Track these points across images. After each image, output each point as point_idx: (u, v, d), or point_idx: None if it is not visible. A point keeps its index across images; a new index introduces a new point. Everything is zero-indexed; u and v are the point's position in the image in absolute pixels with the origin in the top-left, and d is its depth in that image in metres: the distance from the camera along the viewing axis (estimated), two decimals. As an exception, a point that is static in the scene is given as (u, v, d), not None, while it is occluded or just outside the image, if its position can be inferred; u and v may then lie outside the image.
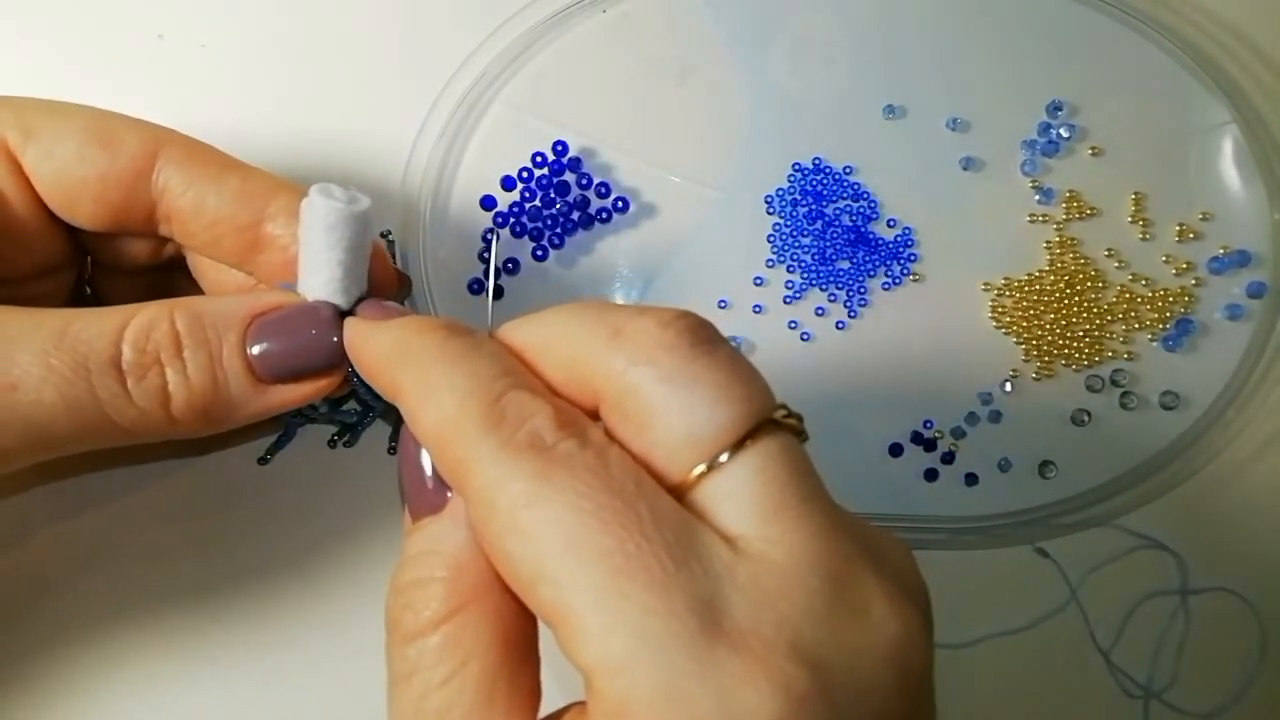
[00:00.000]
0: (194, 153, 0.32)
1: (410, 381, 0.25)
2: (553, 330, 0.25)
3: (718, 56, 0.42)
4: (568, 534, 0.21)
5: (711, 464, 0.22)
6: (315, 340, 0.30)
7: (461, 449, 0.22)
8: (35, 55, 0.42)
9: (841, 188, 0.41)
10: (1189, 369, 0.40)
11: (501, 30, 0.41)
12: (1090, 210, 0.40)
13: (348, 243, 0.31)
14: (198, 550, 0.39)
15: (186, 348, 0.29)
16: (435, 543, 0.24)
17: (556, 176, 0.41)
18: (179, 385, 0.29)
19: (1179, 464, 0.39)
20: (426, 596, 0.24)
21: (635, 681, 0.20)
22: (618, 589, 0.20)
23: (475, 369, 0.24)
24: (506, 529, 0.21)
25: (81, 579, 0.38)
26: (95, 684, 0.38)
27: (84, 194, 0.32)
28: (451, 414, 0.23)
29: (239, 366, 0.30)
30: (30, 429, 0.28)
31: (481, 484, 0.22)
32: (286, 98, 0.42)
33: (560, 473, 0.21)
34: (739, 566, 0.21)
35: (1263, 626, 0.38)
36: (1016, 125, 0.41)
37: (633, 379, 0.23)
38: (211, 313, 0.30)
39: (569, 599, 0.20)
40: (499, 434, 0.22)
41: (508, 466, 0.22)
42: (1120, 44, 0.41)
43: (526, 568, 0.21)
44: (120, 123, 0.32)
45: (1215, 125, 0.41)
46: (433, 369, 0.24)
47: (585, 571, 0.20)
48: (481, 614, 0.23)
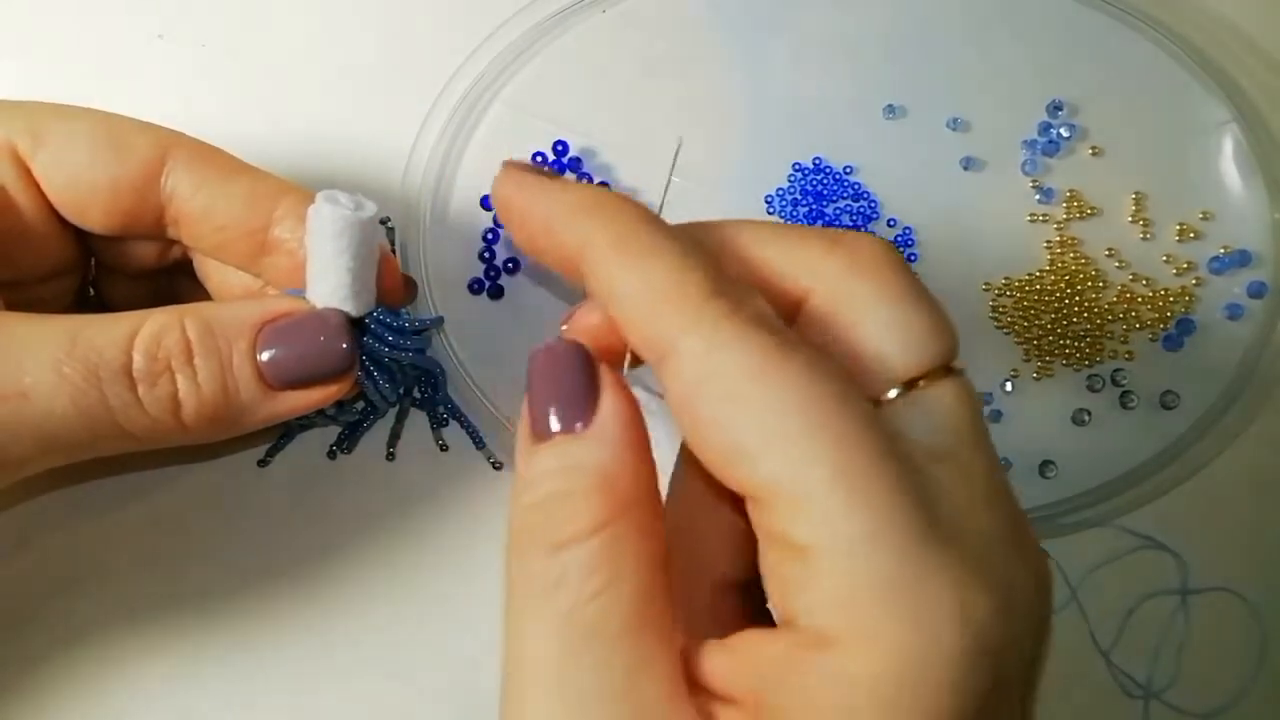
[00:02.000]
0: (203, 156, 0.32)
1: (613, 237, 0.23)
2: (757, 229, 0.25)
3: (718, 56, 0.42)
4: (804, 411, 0.20)
5: (912, 384, 0.23)
6: (325, 347, 0.31)
7: (680, 310, 0.22)
8: (36, 55, 0.42)
9: (841, 188, 0.41)
10: (1189, 369, 0.40)
11: (501, 30, 0.41)
12: (1090, 210, 0.40)
13: (354, 250, 0.31)
14: (200, 555, 0.39)
15: (197, 355, 0.29)
16: (577, 459, 0.23)
17: (556, 176, 0.41)
18: (190, 392, 0.29)
19: (1179, 464, 0.39)
20: (574, 507, 0.23)
21: (871, 565, 0.20)
22: (854, 472, 0.20)
23: (685, 240, 0.23)
24: (732, 396, 0.21)
25: (84, 584, 0.39)
26: (98, 689, 0.38)
27: (94, 198, 0.32)
28: (669, 275, 0.22)
29: (249, 373, 0.30)
30: (43, 437, 0.28)
31: (707, 347, 0.21)
32: (286, 98, 0.42)
33: (793, 353, 0.21)
34: (940, 476, 0.21)
35: (1263, 626, 0.38)
36: (1016, 125, 0.41)
37: (856, 285, 0.23)
38: (222, 320, 0.30)
39: (804, 473, 0.20)
40: (725, 302, 0.21)
41: (738, 334, 0.21)
42: (1120, 44, 0.41)
43: (752, 437, 0.21)
44: (130, 126, 0.32)
45: (1215, 125, 0.41)
46: (642, 229, 0.23)
47: (823, 450, 0.20)
48: (634, 529, 0.23)
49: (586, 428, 0.23)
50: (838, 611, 0.20)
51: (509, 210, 0.25)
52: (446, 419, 0.39)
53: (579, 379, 0.24)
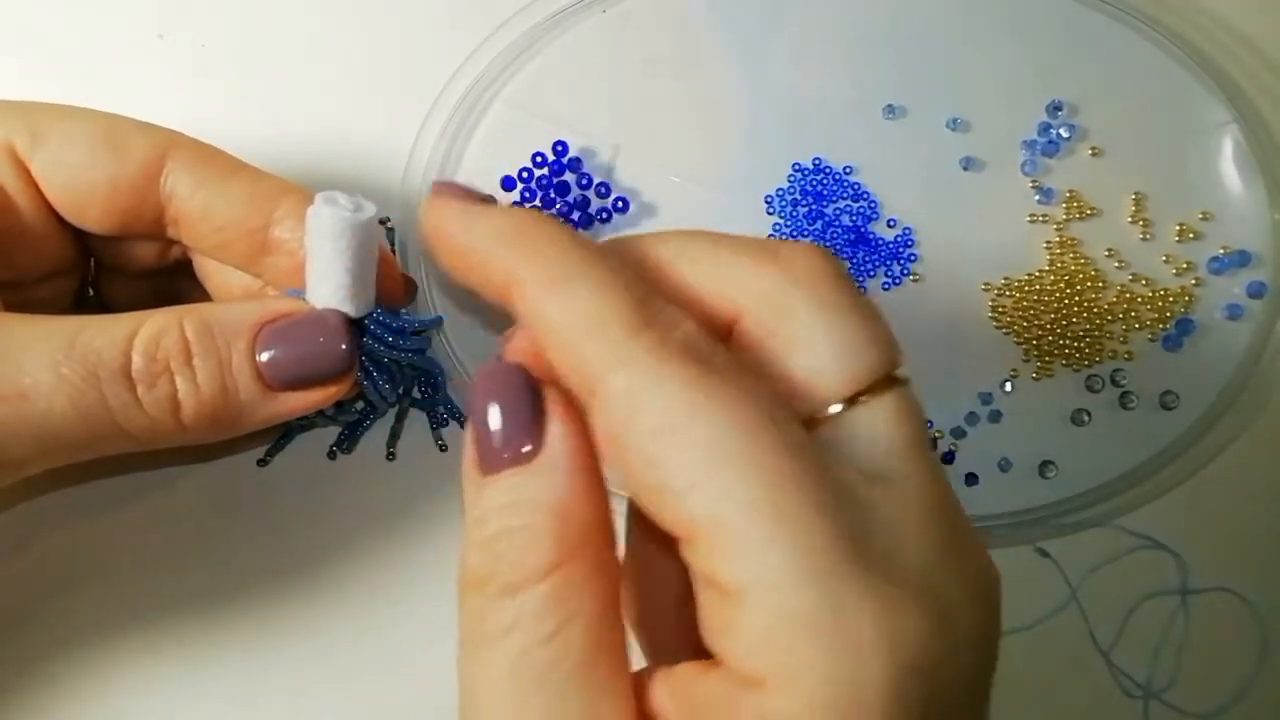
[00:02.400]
0: (203, 156, 0.32)
1: (536, 269, 0.22)
2: (687, 245, 0.24)
3: (718, 56, 0.42)
4: (728, 445, 0.20)
5: (852, 400, 0.22)
6: (324, 348, 0.31)
7: (603, 346, 0.21)
8: (36, 55, 0.42)
9: (841, 188, 0.41)
10: (1189, 369, 0.40)
11: (501, 30, 0.41)
12: (1090, 210, 0.40)
13: (354, 251, 0.31)
14: (200, 555, 0.39)
15: (196, 355, 0.29)
16: (528, 492, 0.22)
17: (556, 176, 0.41)
18: (189, 393, 0.29)
19: (1179, 464, 0.39)
20: (526, 547, 0.22)
21: (795, 597, 0.19)
22: (776, 505, 0.20)
23: (611, 266, 0.22)
24: (659, 432, 0.20)
25: (84, 584, 0.39)
26: (98, 689, 0.38)
27: (93, 198, 0.32)
28: (592, 307, 0.21)
29: (248, 374, 0.30)
30: (42, 437, 0.28)
31: (629, 385, 0.21)
32: (286, 97, 0.42)
33: (719, 384, 0.20)
34: (874, 498, 0.21)
35: (1263, 626, 0.38)
36: (1016, 125, 0.41)
37: (790, 300, 0.23)
38: (221, 320, 0.30)
39: (727, 509, 0.20)
40: (650, 335, 0.21)
41: (662, 369, 0.21)
42: (1120, 44, 0.41)
43: (678, 475, 0.20)
44: (129, 126, 0.32)
45: (1215, 125, 0.41)
46: (565, 258, 0.22)
47: (745, 484, 0.20)
48: (588, 565, 0.22)
49: (535, 455, 0.23)
50: (761, 651, 0.20)
51: (436, 240, 0.24)
52: (446, 419, 0.39)
53: (523, 403, 0.23)
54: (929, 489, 0.22)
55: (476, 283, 0.24)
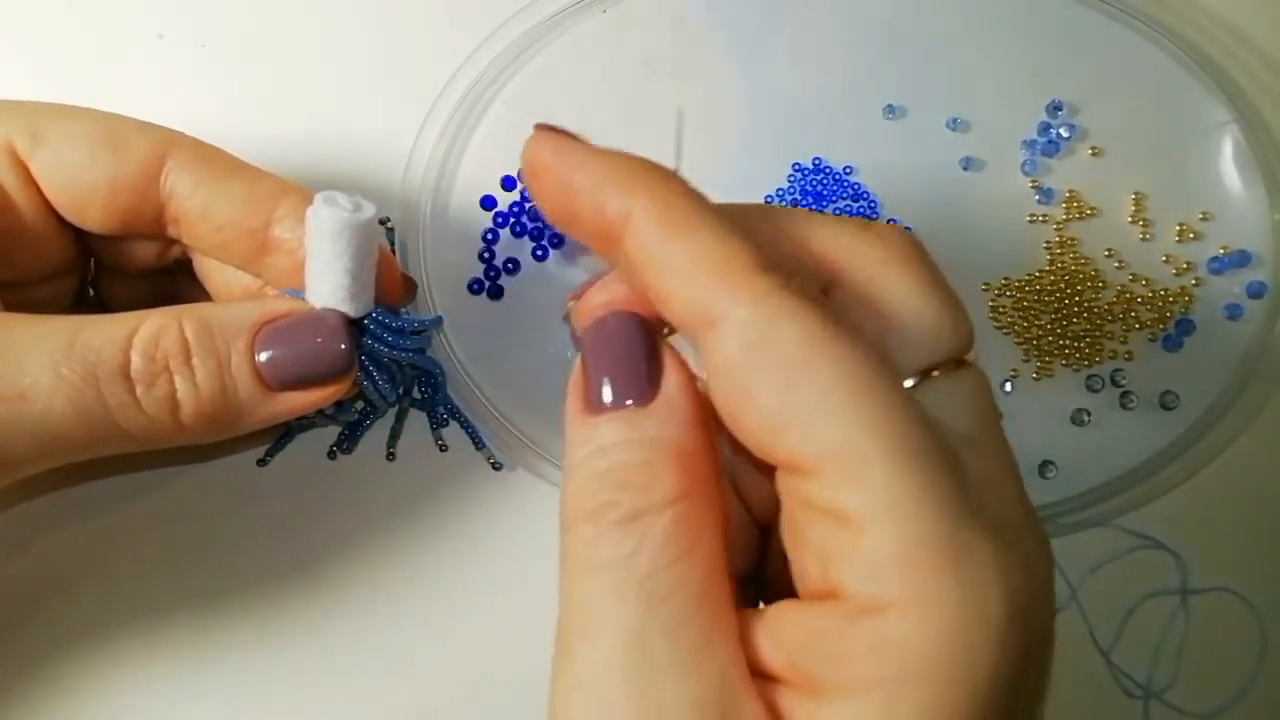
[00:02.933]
0: (202, 155, 0.32)
1: (657, 210, 0.23)
2: (785, 213, 0.25)
3: (718, 56, 0.42)
4: (855, 382, 0.21)
5: (926, 373, 0.24)
6: (323, 347, 0.31)
7: (728, 282, 0.22)
8: (36, 55, 0.42)
9: (841, 188, 0.41)
10: (1189, 369, 0.40)
11: (501, 30, 0.41)
12: (1090, 210, 0.40)
13: (353, 251, 0.31)
14: (199, 556, 0.39)
15: (195, 355, 0.29)
16: (649, 431, 0.23)
17: (556, 176, 0.41)
18: (188, 393, 0.29)
19: (1179, 464, 0.39)
20: (650, 477, 0.22)
21: (927, 525, 0.20)
22: (907, 439, 0.20)
23: (727, 215, 0.23)
24: (784, 364, 0.21)
25: (85, 585, 0.39)
26: (98, 689, 0.38)
27: (94, 198, 0.32)
28: (715, 247, 0.22)
29: (247, 374, 0.30)
30: (41, 437, 0.28)
31: (757, 317, 0.21)
32: (286, 98, 0.42)
33: (839, 329, 0.21)
34: (967, 457, 0.22)
35: (1263, 626, 0.38)
36: (1016, 125, 0.41)
37: (891, 272, 0.24)
38: (220, 320, 0.30)
39: (858, 440, 0.20)
40: (774, 275, 0.22)
41: (789, 306, 0.21)
42: (1120, 44, 0.41)
43: (804, 404, 0.21)
44: (129, 126, 0.32)
45: (1215, 125, 0.41)
46: (685, 203, 0.23)
47: (875, 419, 0.20)
48: (706, 503, 0.23)
49: (650, 401, 0.23)
50: (889, 577, 0.20)
51: (542, 178, 0.25)
52: (446, 419, 0.39)
53: (640, 351, 0.24)
54: (1006, 454, 0.24)
55: (585, 223, 0.24)
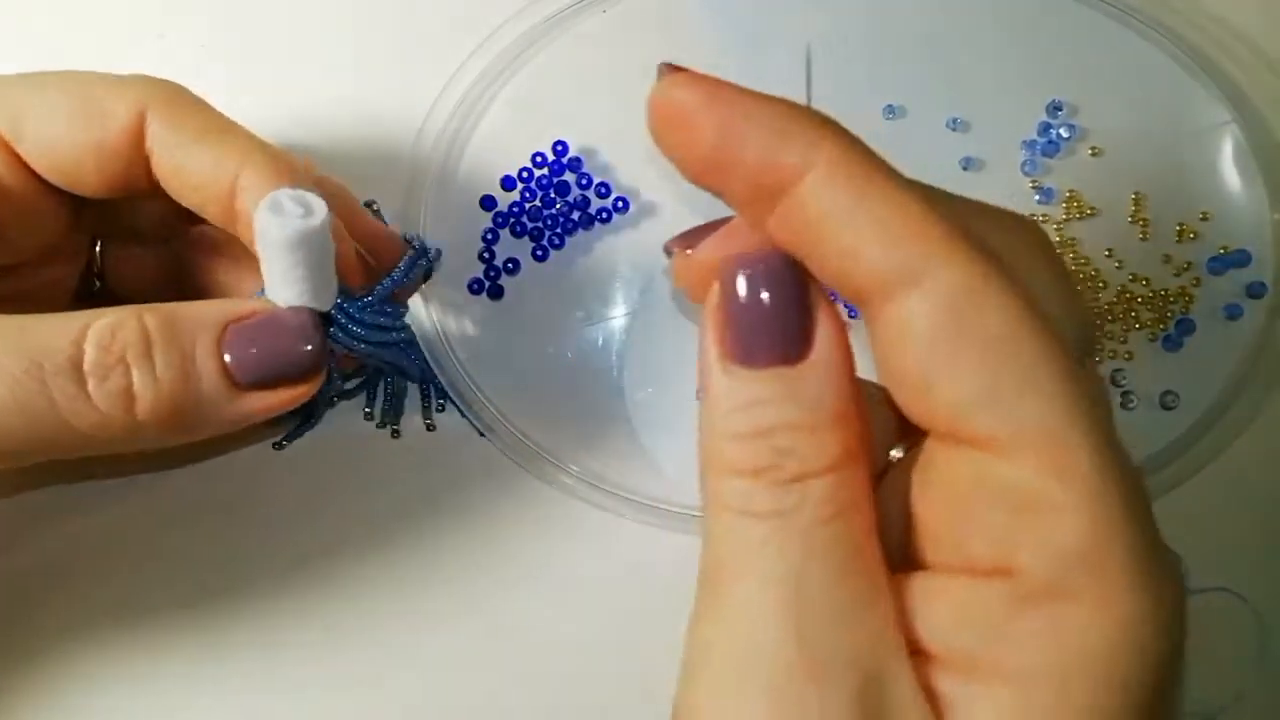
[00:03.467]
0: (177, 113, 0.31)
1: (850, 160, 0.22)
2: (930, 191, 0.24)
3: (717, 56, 0.42)
4: (1058, 364, 0.20)
5: None
6: (295, 345, 0.30)
7: (939, 240, 0.20)
8: (36, 55, 0.42)
9: (841, 188, 0.41)
10: (1188, 369, 0.40)
11: (501, 30, 0.41)
12: (1090, 210, 0.40)
13: (306, 256, 0.30)
14: (199, 554, 0.39)
15: (157, 346, 0.28)
16: (809, 389, 0.22)
17: (556, 176, 0.41)
18: (146, 385, 0.28)
19: (1179, 464, 0.39)
20: (813, 442, 0.21)
21: (1119, 521, 0.20)
22: (1106, 432, 0.20)
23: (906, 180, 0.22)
24: (996, 334, 0.20)
25: (81, 580, 0.39)
26: (93, 686, 0.38)
27: (83, 167, 0.31)
28: (922, 205, 0.21)
29: (214, 367, 0.29)
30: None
31: (968, 279, 0.20)
32: (286, 98, 0.42)
33: (1038, 309, 0.20)
34: None
35: (1263, 626, 0.38)
36: (1016, 125, 0.41)
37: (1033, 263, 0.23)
38: (186, 315, 0.29)
39: (1067, 423, 0.20)
40: (970, 239, 0.21)
41: (998, 273, 0.20)
42: (1120, 44, 0.41)
43: (1013, 379, 0.20)
44: (105, 88, 0.31)
45: (1215, 125, 0.41)
46: (874, 157, 0.22)
47: (1078, 406, 0.20)
48: (862, 473, 0.22)
49: (805, 357, 0.22)
50: (1081, 566, 0.19)
51: (690, 124, 0.23)
52: (439, 400, 0.39)
53: (795, 299, 0.22)
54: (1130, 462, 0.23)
55: (743, 170, 0.22)
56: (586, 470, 0.39)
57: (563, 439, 0.39)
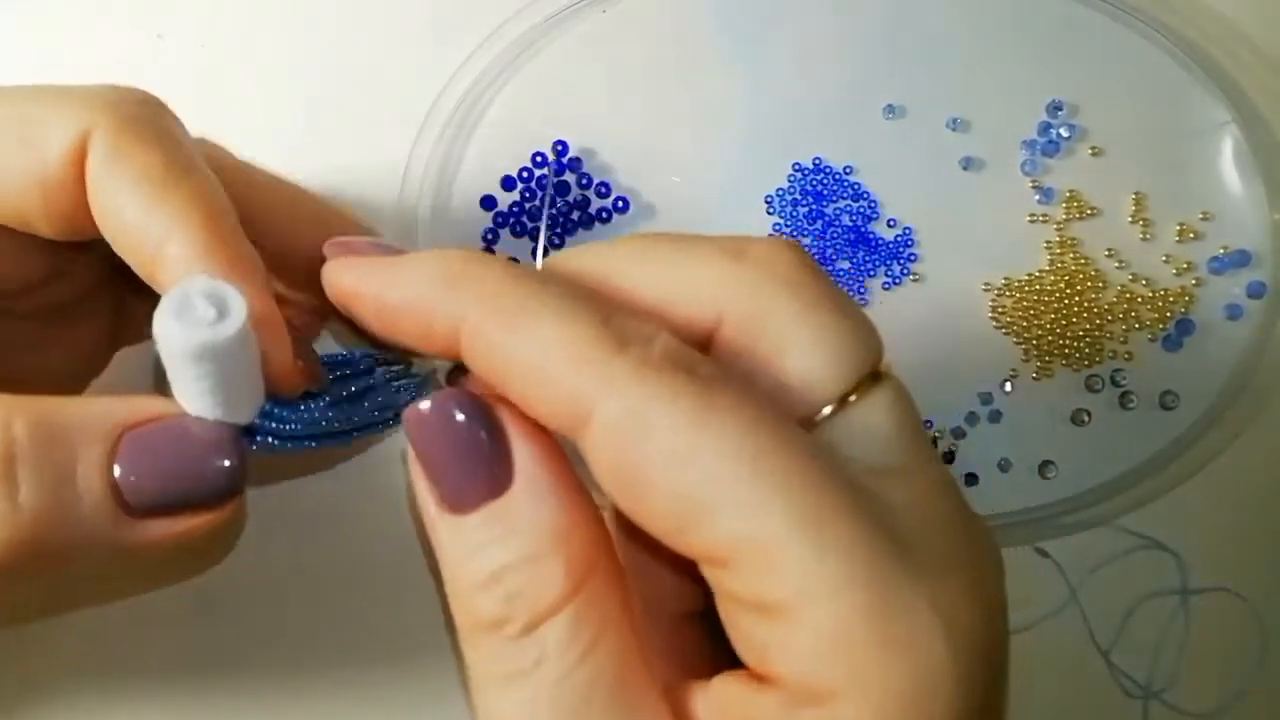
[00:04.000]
0: (120, 144, 0.26)
1: (488, 308, 0.21)
2: (648, 250, 0.23)
3: (718, 56, 0.42)
4: (749, 458, 0.19)
5: (844, 399, 0.21)
6: (201, 465, 0.24)
7: (584, 374, 0.20)
8: (34, 55, 0.42)
9: (841, 188, 0.41)
10: (1189, 369, 0.40)
11: (501, 31, 0.41)
12: (1090, 210, 0.40)
13: (214, 369, 0.23)
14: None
15: (22, 459, 0.22)
16: (520, 520, 0.21)
17: (557, 176, 0.41)
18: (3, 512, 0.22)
19: (1179, 464, 0.39)
20: (537, 578, 0.20)
21: (855, 604, 0.19)
22: (817, 513, 0.19)
23: (565, 290, 0.21)
24: (673, 456, 0.19)
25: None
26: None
27: (27, 205, 0.26)
28: (562, 335, 0.20)
29: (98, 490, 0.23)
30: None
31: (626, 410, 0.19)
32: (286, 98, 0.42)
33: (719, 392, 0.19)
34: (885, 489, 0.20)
35: (1263, 626, 0.38)
36: (1016, 125, 0.41)
37: (773, 303, 0.22)
38: (66, 420, 0.23)
39: (768, 525, 0.19)
40: (631, 352, 0.20)
41: (657, 386, 0.19)
42: (1120, 44, 0.41)
43: (701, 496, 0.19)
44: (45, 109, 0.26)
45: (1215, 125, 0.41)
46: (515, 291, 0.21)
47: (780, 496, 0.19)
48: (603, 582, 0.21)
49: (508, 486, 0.21)
50: (828, 664, 0.19)
51: (357, 301, 0.23)
52: None
53: (480, 428, 0.21)
54: (933, 472, 0.22)
55: (413, 338, 0.22)
56: (587, 470, 0.39)
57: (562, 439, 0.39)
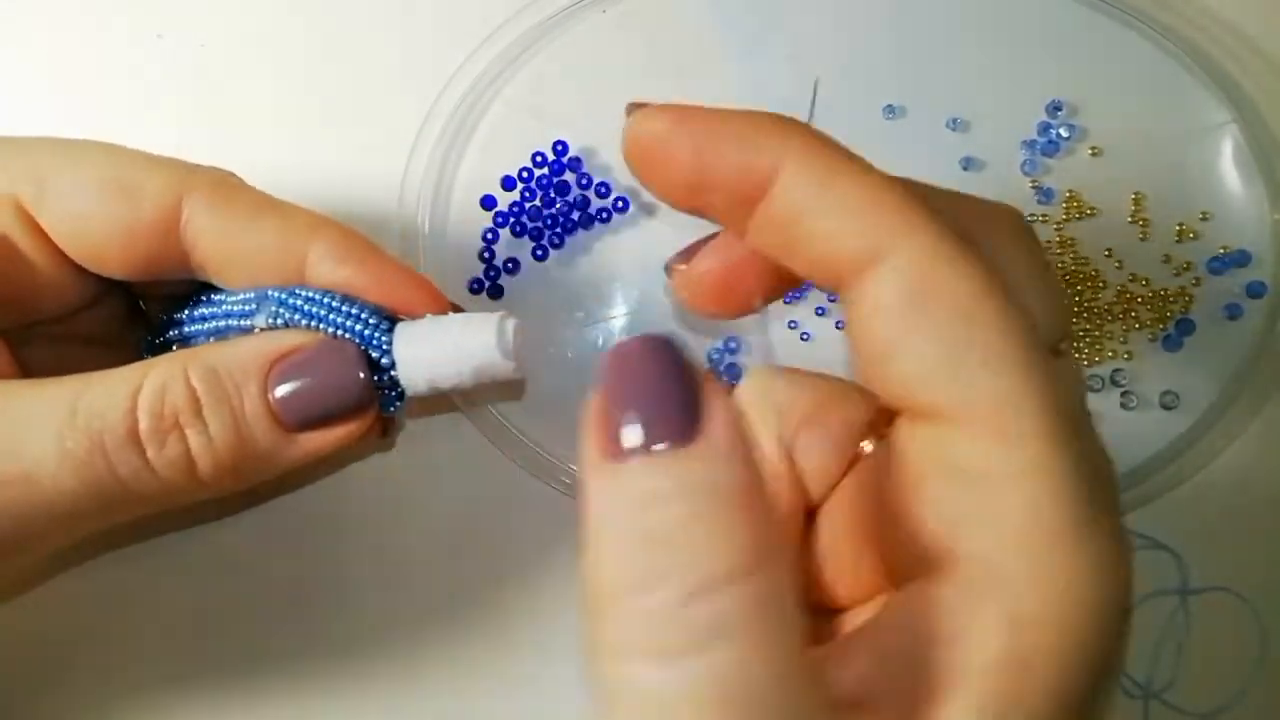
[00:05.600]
0: (223, 194, 0.30)
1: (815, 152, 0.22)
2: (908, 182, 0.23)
3: (718, 56, 0.42)
4: (1018, 339, 0.20)
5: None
6: (341, 380, 0.29)
7: (904, 216, 0.21)
8: (34, 55, 0.42)
9: (841, 188, 0.41)
10: (1189, 369, 0.40)
11: (501, 30, 0.41)
12: (1090, 210, 0.40)
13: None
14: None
15: (206, 406, 0.28)
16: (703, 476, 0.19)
17: (556, 176, 0.41)
18: (203, 447, 0.28)
19: (1179, 464, 0.39)
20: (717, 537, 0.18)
21: (1073, 495, 0.20)
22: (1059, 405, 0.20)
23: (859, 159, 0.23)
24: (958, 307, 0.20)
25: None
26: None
27: (109, 247, 0.30)
28: (887, 185, 0.22)
29: (263, 418, 0.28)
30: (52, 515, 0.27)
31: (932, 252, 0.21)
32: (286, 98, 0.42)
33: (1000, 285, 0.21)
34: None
35: (1263, 626, 0.38)
36: (1016, 125, 0.41)
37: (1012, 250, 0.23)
38: (228, 364, 0.28)
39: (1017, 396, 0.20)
40: (939, 219, 0.21)
41: (962, 248, 0.21)
42: (1120, 44, 0.41)
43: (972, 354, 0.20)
44: (140, 167, 0.30)
45: (1215, 125, 0.41)
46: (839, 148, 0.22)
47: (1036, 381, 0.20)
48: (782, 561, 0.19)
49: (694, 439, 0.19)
50: (1024, 548, 0.20)
51: (665, 152, 0.23)
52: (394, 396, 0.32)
53: (680, 380, 0.19)
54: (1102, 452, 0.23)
55: (721, 183, 0.22)
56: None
57: (563, 439, 0.39)
